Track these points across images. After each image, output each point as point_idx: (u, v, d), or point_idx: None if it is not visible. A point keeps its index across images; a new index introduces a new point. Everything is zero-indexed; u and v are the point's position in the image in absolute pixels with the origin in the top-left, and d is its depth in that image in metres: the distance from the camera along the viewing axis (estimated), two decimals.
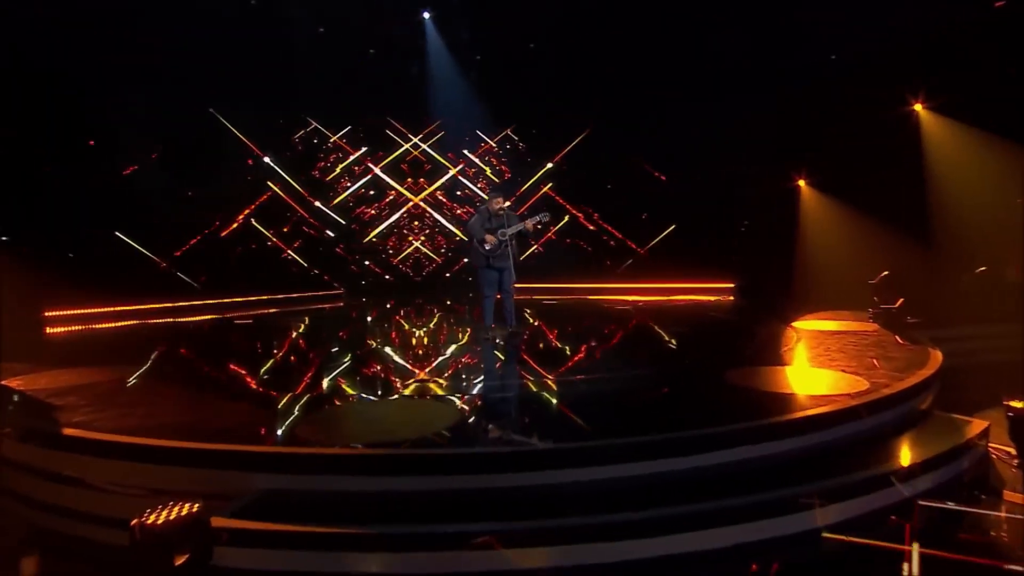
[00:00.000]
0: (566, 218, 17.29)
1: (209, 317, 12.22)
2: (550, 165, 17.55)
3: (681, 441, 4.72)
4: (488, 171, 17.46)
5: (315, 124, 16.54)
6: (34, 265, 11.30)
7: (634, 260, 16.60)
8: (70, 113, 12.19)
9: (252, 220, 15.64)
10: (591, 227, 17.12)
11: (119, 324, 11.35)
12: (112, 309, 12.08)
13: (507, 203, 8.13)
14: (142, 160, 13.76)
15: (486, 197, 7.76)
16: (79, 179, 12.25)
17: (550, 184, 17.58)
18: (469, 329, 9.33)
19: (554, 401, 5.66)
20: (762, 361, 6.69)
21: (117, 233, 13.57)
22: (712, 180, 14.12)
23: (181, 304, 12.98)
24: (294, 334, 9.66)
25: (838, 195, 12.35)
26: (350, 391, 6.00)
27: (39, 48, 11.32)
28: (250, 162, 15.48)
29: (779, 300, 10.83)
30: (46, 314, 11.36)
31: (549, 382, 6.18)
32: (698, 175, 14.40)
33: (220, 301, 13.87)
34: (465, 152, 17.32)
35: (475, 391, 6.07)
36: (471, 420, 5.12)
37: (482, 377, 6.66)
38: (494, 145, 17.50)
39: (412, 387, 6.15)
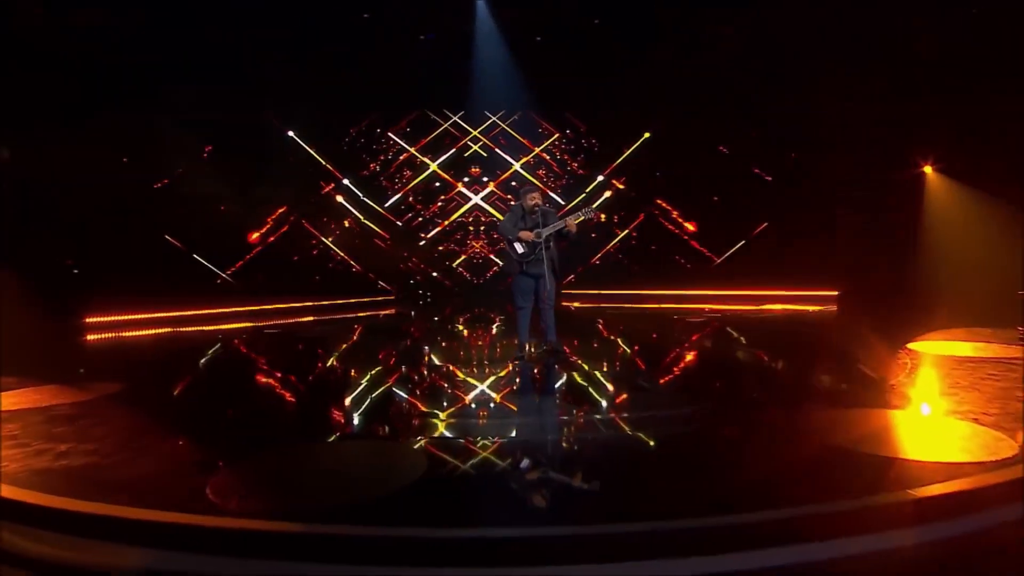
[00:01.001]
0: (640, 216, 15.76)
1: (244, 325, 11.68)
2: (623, 157, 16.01)
3: (723, 531, 3.26)
4: (554, 165, 16.15)
5: (368, 119, 15.78)
6: (83, 269, 11.58)
7: (717, 263, 14.81)
8: (118, 111, 11.82)
9: (303, 222, 15.12)
10: (669, 226, 15.46)
11: (160, 331, 11.05)
12: (157, 315, 11.80)
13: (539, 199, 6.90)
14: (192, 160, 13.58)
15: (551, 194, 6.39)
16: (128, 181, 12.28)
17: (622, 178, 16.07)
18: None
19: (579, 453, 4.43)
20: (859, 401, 5.02)
21: (167, 237, 13.46)
22: (812, 168, 12.13)
23: (228, 310, 12.67)
24: (316, 349, 8.75)
25: (977, 183, 10.04)
26: (325, 427, 4.84)
27: (89, 45, 11.13)
28: (290, 160, 14.94)
29: (892, 312, 8.90)
30: (86, 320, 11.19)
31: (580, 423, 4.93)
32: (795, 162, 12.42)
33: (268, 307, 13.51)
34: (528, 145, 16.19)
35: (484, 432, 4.83)
36: (470, 475, 3.93)
37: (498, 414, 5.33)
38: (559, 136, 16.13)
39: (409, 423, 4.95)
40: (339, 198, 15.08)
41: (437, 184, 15.48)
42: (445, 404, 5.76)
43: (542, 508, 3.53)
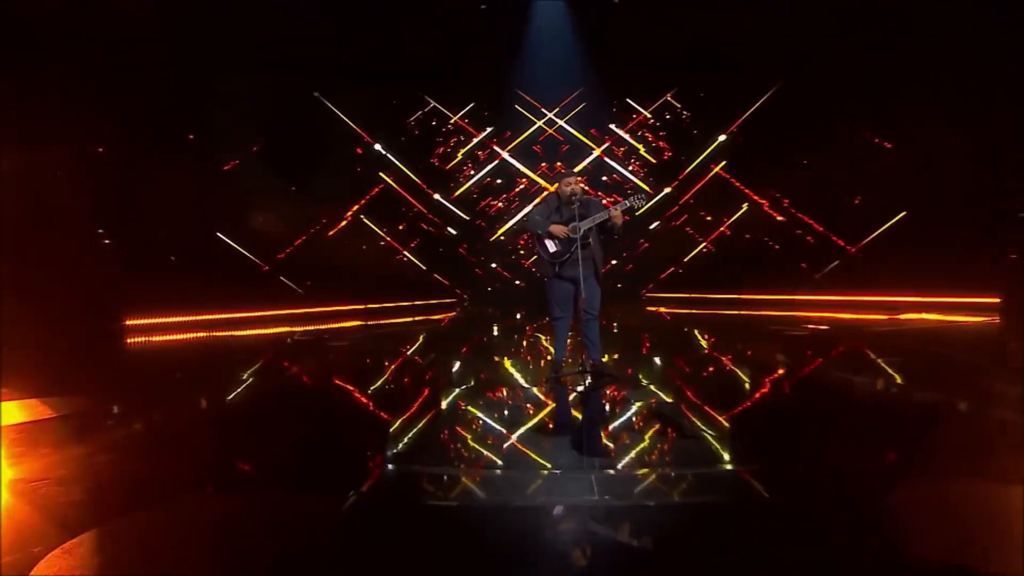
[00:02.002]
0: (744, 207, 13.67)
1: (288, 330, 11.03)
2: (723, 137, 13.97)
3: None
4: (642, 149, 14.60)
5: (432, 103, 14.72)
6: (130, 268, 11.04)
7: (842, 262, 12.63)
8: (166, 103, 11.38)
9: (362, 217, 14.25)
10: (779, 218, 13.25)
11: (200, 335, 10.65)
12: (201, 317, 11.26)
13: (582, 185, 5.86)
14: (242, 154, 12.96)
15: (639, 183, 5.19)
16: (178, 175, 11.62)
17: (722, 163, 14.02)
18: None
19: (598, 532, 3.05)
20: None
21: (219, 234, 12.82)
22: (966, 143, 9.61)
23: (277, 312, 12.05)
24: (336, 362, 7.75)
25: None
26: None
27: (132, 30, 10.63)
28: (359, 151, 14.19)
29: None
30: (127, 323, 10.94)
31: (612, 483, 3.58)
32: (944, 137, 9.93)
33: (320, 310, 12.84)
34: (612, 127, 14.60)
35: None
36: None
37: (506, 463, 4.00)
38: (649, 116, 14.47)
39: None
40: (406, 195, 14.08)
41: (499, 181, 14.60)
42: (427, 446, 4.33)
43: None
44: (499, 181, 14.64)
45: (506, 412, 5.30)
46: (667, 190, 14.42)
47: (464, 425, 4.81)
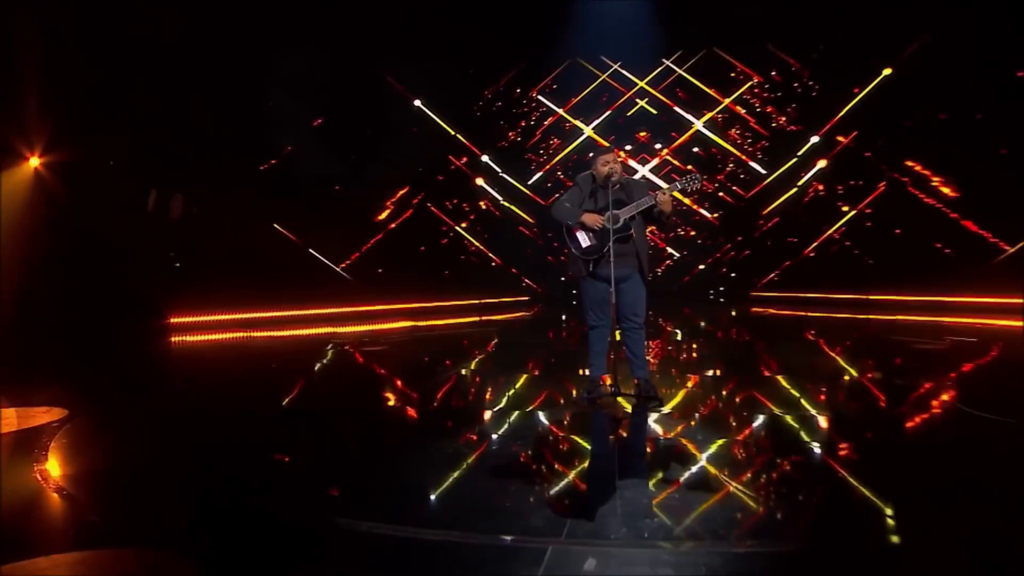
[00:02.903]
0: (880, 186, 12.10)
1: (341, 331, 10.69)
2: (855, 102, 12.44)
3: None
4: (750, 120, 13.32)
5: (508, 75, 14.11)
6: (184, 262, 11.50)
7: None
8: (215, 83, 11.46)
9: (428, 205, 13.91)
10: (926, 199, 11.58)
11: (235, 336, 10.53)
12: (245, 316, 11.39)
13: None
14: (300, 136, 12.95)
15: (750, 161, 4.92)
16: (232, 162, 11.84)
17: (853, 133, 12.50)
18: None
19: None
20: None
21: (276, 225, 12.88)
22: None
23: (335, 310, 12.00)
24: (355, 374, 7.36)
25: None
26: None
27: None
28: (425, 132, 13.76)
29: None
30: (172, 321, 10.95)
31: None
32: None
33: (383, 307, 12.61)
34: (715, 95, 13.48)
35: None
36: None
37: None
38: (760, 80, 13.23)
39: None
40: (478, 180, 13.72)
41: (590, 155, 13.07)
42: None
43: None
44: (591, 154, 13.82)
45: (498, 457, 4.47)
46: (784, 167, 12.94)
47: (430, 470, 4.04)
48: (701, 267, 13.68)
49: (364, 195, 13.38)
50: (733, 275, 13.54)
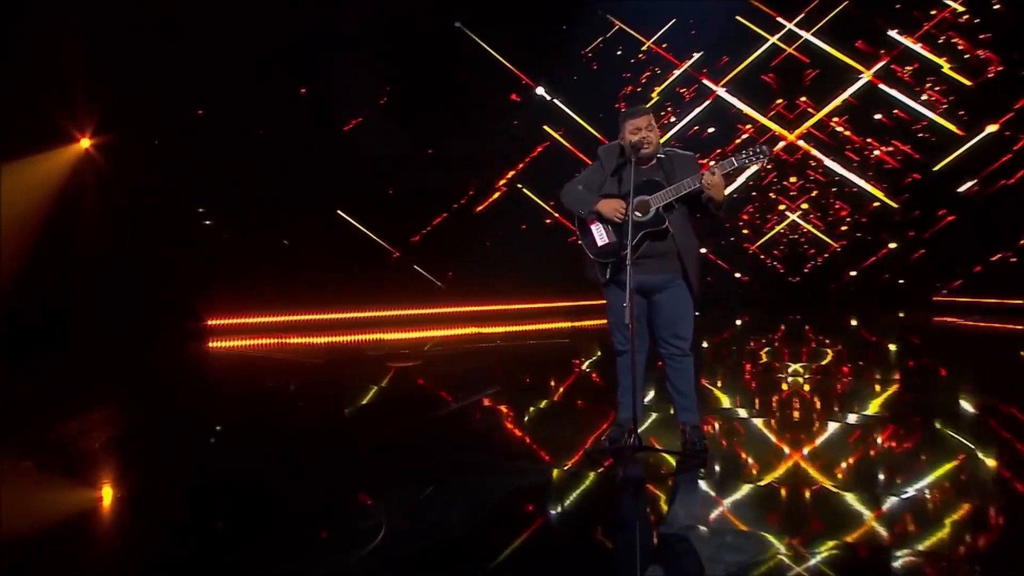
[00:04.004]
0: None
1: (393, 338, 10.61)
2: None
3: None
4: (944, 65, 11.94)
5: (617, 24, 13.38)
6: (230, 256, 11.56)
7: None
8: (271, 50, 11.40)
9: (520, 186, 13.39)
10: None
11: (274, 343, 10.46)
12: (293, 319, 11.31)
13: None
14: (365, 110, 12.78)
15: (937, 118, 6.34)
16: (286, 142, 11.70)
17: None
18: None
19: None
20: None
21: (340, 212, 12.72)
22: None
23: (386, 313, 11.74)
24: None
25: None
26: None
27: None
28: (514, 97, 13.19)
29: None
30: (208, 323, 11.00)
31: None
32: None
33: (461, 309, 12.19)
34: (892, 35, 12.17)
35: None
36: None
37: None
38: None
39: None
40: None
41: (712, 130, 13.36)
42: None
43: None
44: (711, 130, 13.21)
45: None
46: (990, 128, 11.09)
47: None
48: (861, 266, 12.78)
49: (443, 176, 13.09)
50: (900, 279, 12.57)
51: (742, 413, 5.71)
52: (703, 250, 4.69)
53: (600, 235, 4.54)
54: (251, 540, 3.50)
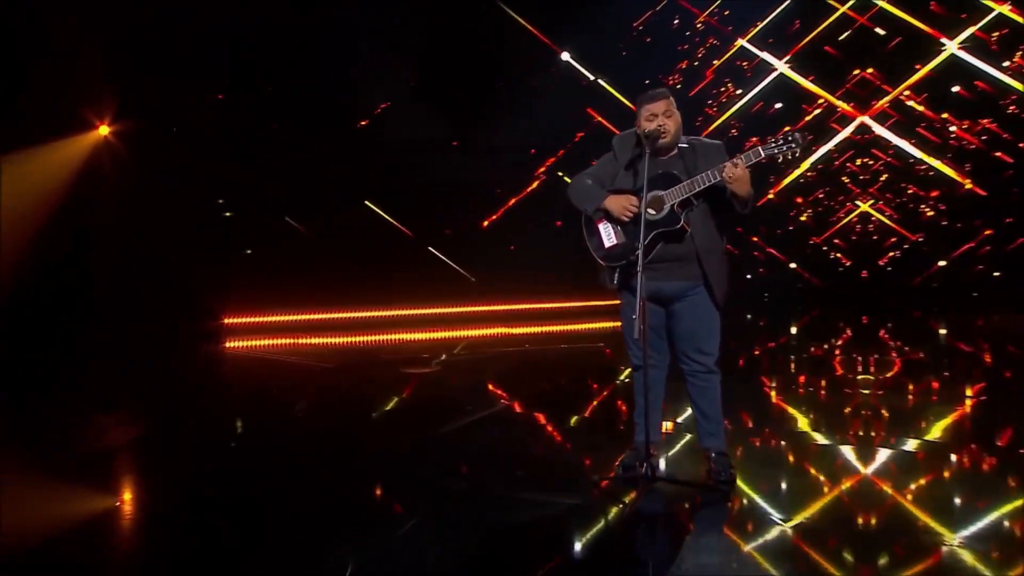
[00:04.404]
0: None
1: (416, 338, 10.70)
2: None
3: None
4: None
5: None
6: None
7: None
8: (291, 32, 11.45)
9: (560, 174, 13.06)
10: None
11: (287, 343, 10.61)
12: (312, 317, 11.39)
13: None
14: (392, 94, 12.73)
15: None
16: (309, 129, 11.72)
17: None
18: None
19: None
20: None
21: (367, 203, 12.73)
22: None
23: (414, 312, 11.71)
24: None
25: None
26: None
27: None
28: (550, 70, 12.96)
29: None
30: (224, 322, 11.15)
31: None
32: None
33: (491, 308, 12.11)
34: None
35: None
36: None
37: None
38: None
39: None
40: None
41: (778, 105, 13.03)
42: None
43: None
44: (778, 106, 13.06)
45: None
46: None
47: None
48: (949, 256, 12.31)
49: (477, 164, 12.98)
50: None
51: (783, 436, 5.46)
52: (730, 251, 4.47)
53: (608, 235, 4.36)
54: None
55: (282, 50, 11.17)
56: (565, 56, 13.21)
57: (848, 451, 4.99)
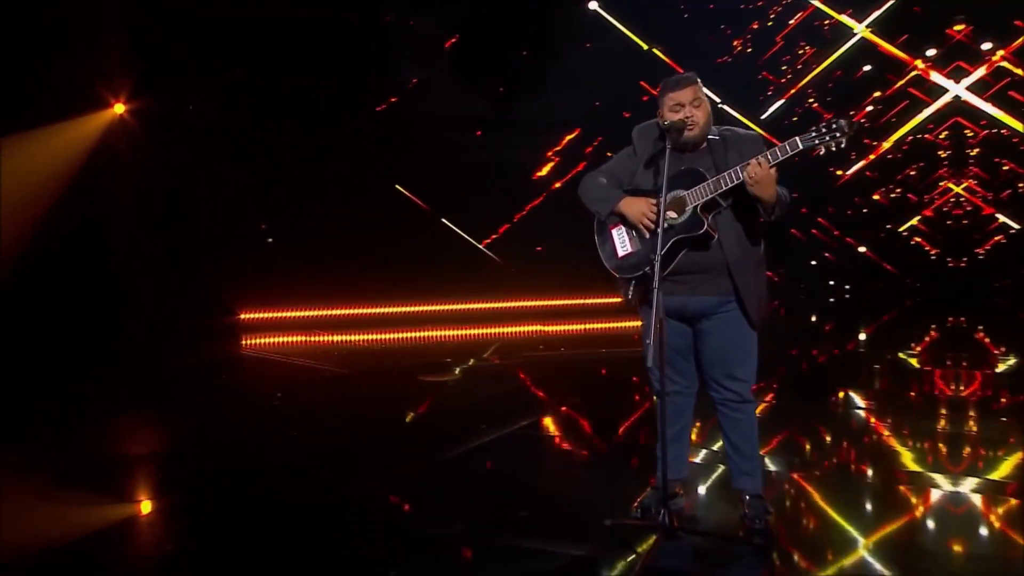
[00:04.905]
0: None
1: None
2: None
3: None
4: None
5: None
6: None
7: None
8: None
9: (609, 155, 12.67)
10: None
11: (301, 340, 10.73)
12: (334, 313, 11.49)
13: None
14: (427, 63, 12.68)
15: None
16: (337, 106, 11.77)
17: None
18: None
19: None
20: None
21: (397, 187, 12.70)
22: None
23: (442, 307, 11.95)
24: None
25: None
26: None
27: None
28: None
29: None
30: (240, 317, 11.33)
31: None
32: None
33: (528, 303, 12.05)
34: None
35: None
36: None
37: None
38: None
39: None
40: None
41: (867, 67, 12.90)
42: None
43: None
44: (867, 67, 12.87)
45: None
46: None
47: None
48: None
49: (518, 143, 13.09)
50: None
51: (835, 473, 5.08)
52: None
53: (622, 242, 4.18)
54: None
55: (303, 26, 11.19)
56: (593, 5, 13.08)
57: (924, 493, 4.69)
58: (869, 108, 12.90)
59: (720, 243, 3.95)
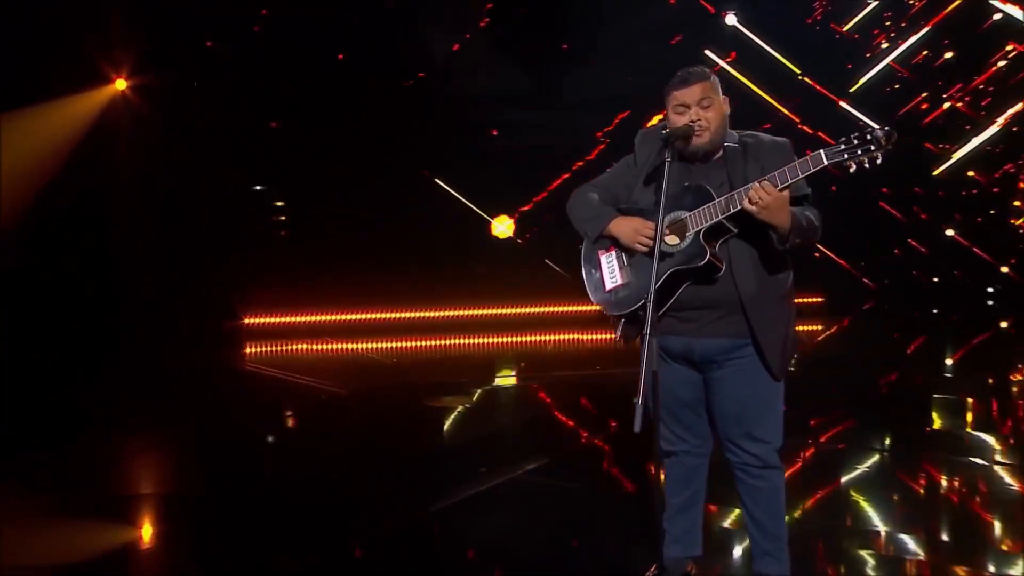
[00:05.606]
0: None
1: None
2: None
3: None
4: None
5: None
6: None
7: None
8: None
9: (665, 132, 12.76)
10: None
11: (304, 347, 10.98)
12: (344, 318, 11.64)
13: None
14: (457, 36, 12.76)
15: None
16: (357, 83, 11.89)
17: None
18: None
19: None
20: None
21: (437, 181, 12.79)
22: None
23: (491, 312, 11.98)
24: None
25: None
26: None
27: None
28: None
29: None
30: (245, 321, 11.51)
31: None
32: None
33: (566, 309, 11.82)
34: None
35: None
36: None
37: None
38: None
39: None
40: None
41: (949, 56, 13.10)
42: None
43: None
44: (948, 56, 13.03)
45: None
46: None
47: None
48: None
49: (559, 125, 13.07)
50: None
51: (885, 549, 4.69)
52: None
53: (611, 272, 3.92)
54: None
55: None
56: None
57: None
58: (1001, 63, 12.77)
59: (731, 274, 3.69)
